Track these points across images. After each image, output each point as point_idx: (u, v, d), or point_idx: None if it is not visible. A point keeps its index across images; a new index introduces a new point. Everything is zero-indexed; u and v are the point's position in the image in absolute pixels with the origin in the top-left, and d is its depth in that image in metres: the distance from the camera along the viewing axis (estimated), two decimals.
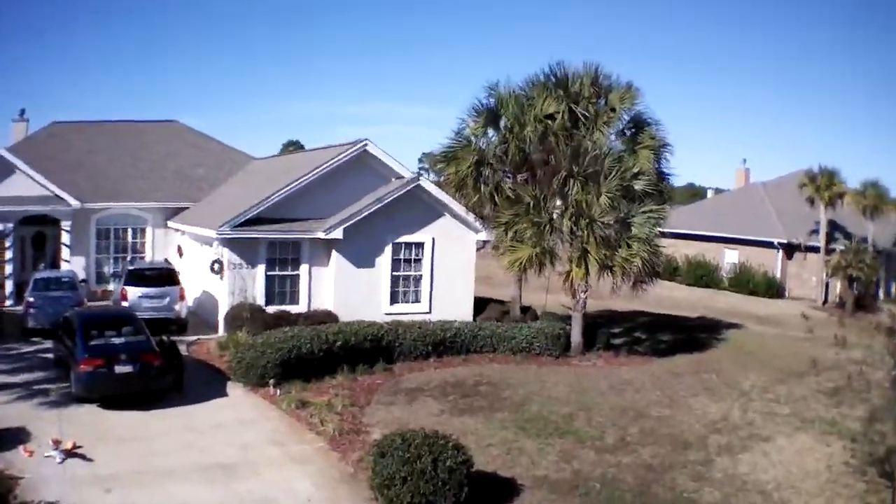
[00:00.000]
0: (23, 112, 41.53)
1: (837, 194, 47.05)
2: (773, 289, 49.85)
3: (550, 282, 28.45)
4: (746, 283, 50.04)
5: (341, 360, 23.11)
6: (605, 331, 29.74)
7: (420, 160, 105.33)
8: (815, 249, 48.84)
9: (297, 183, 27.45)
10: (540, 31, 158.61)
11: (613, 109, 28.20)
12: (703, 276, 52.56)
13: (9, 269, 32.61)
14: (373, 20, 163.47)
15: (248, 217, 26.82)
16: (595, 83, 28.09)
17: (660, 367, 26.89)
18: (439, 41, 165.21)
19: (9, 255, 32.60)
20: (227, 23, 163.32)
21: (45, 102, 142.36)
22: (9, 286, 32.43)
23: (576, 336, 27.68)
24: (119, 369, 19.23)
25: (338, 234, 27.11)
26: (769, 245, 50.70)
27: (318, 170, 27.67)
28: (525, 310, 30.21)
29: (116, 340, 20.17)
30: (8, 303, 31.63)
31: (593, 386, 23.61)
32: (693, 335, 33.24)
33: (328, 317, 26.40)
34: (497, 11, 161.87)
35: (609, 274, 26.76)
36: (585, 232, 26.01)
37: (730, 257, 52.71)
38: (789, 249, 50.51)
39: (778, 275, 50.64)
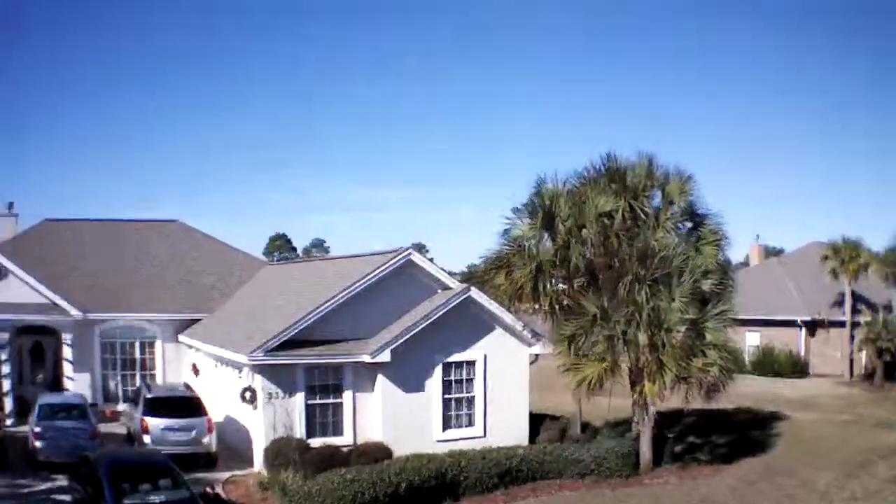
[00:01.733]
0: (11, 206, 37.81)
1: (863, 265, 45.37)
2: (798, 368, 47.91)
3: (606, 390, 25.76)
4: (771, 365, 47.79)
5: (406, 501, 20.77)
6: (671, 443, 27.08)
7: (420, 248, 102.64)
8: (839, 324, 47.12)
9: (336, 299, 24.47)
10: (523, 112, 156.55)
11: (671, 202, 25.74)
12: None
13: (7, 384, 29.25)
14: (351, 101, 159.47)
15: (283, 340, 23.73)
16: (650, 176, 25.69)
17: (732, 476, 25.22)
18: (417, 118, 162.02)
19: (5, 368, 29.27)
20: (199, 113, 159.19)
21: (25, 194, 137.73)
22: (8, 404, 29.12)
23: (645, 452, 25.54)
24: None
25: (385, 356, 24.14)
26: (791, 324, 48.78)
27: (358, 283, 24.71)
28: (584, 426, 27.41)
29: (155, 499, 17.19)
30: (9, 422, 28.28)
31: None
32: (745, 433, 31.50)
33: (381, 451, 23.38)
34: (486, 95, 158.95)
35: (684, 385, 24.22)
36: (660, 343, 23.38)
37: (751, 340, 50.37)
38: (812, 326, 48.67)
39: (802, 353, 48.79)
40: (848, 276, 45.36)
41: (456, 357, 25.65)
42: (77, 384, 30.42)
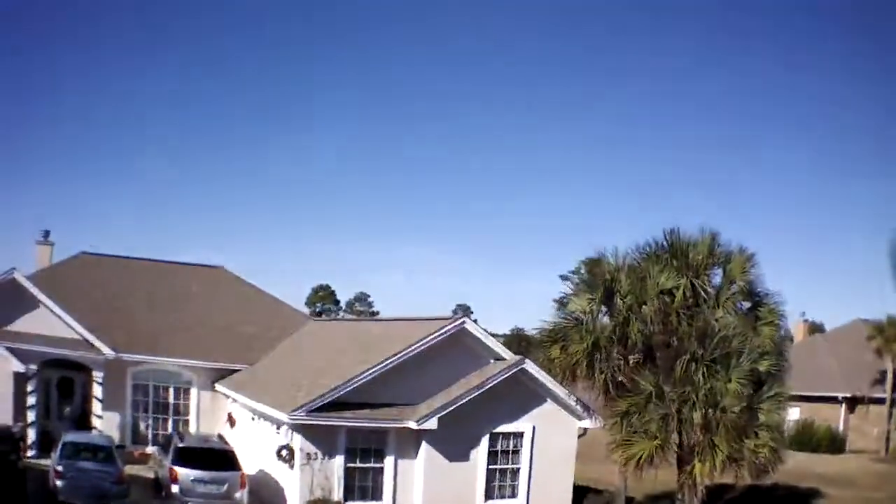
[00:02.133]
0: (47, 234, 37.21)
1: None
2: (836, 444, 46.61)
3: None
4: (810, 440, 46.47)
5: None
6: None
7: (454, 311, 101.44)
8: (878, 401, 45.85)
9: (385, 363, 23.65)
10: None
11: (732, 281, 24.88)
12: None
13: (31, 416, 28.45)
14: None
15: (326, 401, 22.88)
16: (712, 253, 24.82)
17: None
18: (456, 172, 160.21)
19: (32, 399, 28.47)
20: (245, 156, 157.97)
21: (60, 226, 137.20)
22: (32, 435, 28.30)
23: None
24: None
25: (431, 424, 23.29)
26: (832, 400, 47.52)
27: (410, 349, 23.89)
28: (629, 501, 26.36)
29: None
30: (31, 453, 27.59)
31: None
32: None
33: None
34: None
35: (734, 466, 23.19)
36: (714, 424, 22.43)
37: (792, 414, 49.01)
38: (851, 402, 47.53)
39: (840, 429, 47.48)
40: (892, 354, 44.22)
41: (504, 428, 24.86)
42: (106, 423, 29.76)
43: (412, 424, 23.25)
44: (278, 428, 24.48)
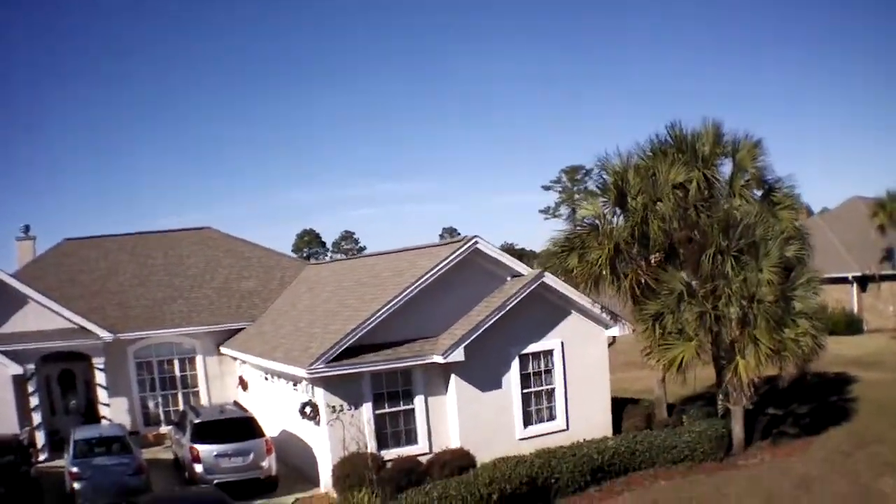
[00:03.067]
0: (27, 229, 35.27)
1: None
2: (853, 325, 45.99)
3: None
4: (825, 323, 45.50)
5: None
6: (763, 419, 25.09)
7: (441, 236, 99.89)
8: (890, 277, 45.37)
9: (401, 297, 21.95)
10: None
11: (743, 169, 23.70)
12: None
13: (37, 417, 26.68)
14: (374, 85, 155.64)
15: (343, 347, 21.29)
16: (718, 143, 23.68)
17: (823, 448, 23.84)
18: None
19: (35, 400, 26.66)
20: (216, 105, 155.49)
21: (41, 216, 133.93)
22: (41, 437, 26.60)
23: (737, 433, 23.58)
24: None
25: (458, 355, 21.70)
26: (843, 280, 46.63)
27: (424, 278, 22.19)
28: (669, 408, 25.24)
29: None
30: (42, 457, 25.97)
31: (778, 489, 20.47)
32: (823, 399, 29.74)
33: (463, 458, 21.11)
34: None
35: (777, 359, 22.10)
36: (752, 316, 21.30)
37: None
38: (862, 282, 46.77)
39: (855, 310, 46.88)
40: None
41: (532, 347, 23.33)
42: (113, 410, 28.06)
43: (438, 358, 21.72)
44: (296, 384, 23.03)
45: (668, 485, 21.02)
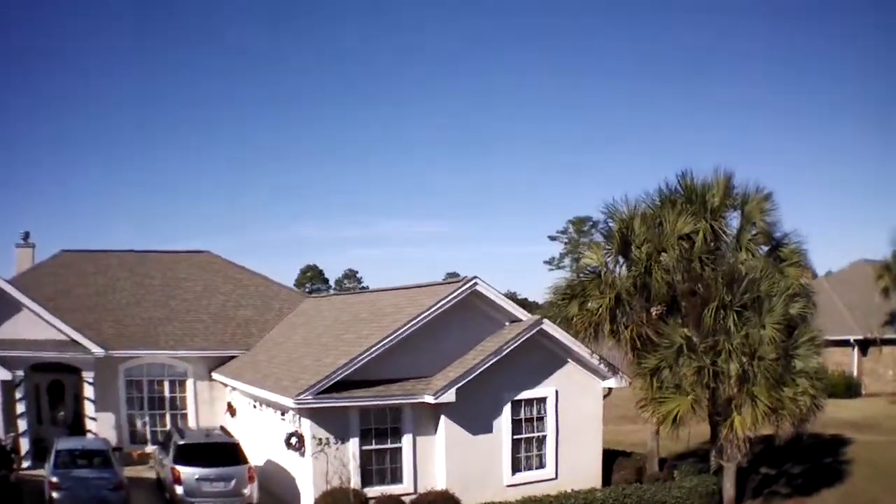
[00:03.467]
0: (27, 235, 35.02)
1: None
2: (851, 388, 45.04)
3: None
4: (825, 384, 44.89)
5: None
6: (755, 478, 24.51)
7: (445, 279, 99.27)
8: (891, 342, 44.45)
9: (396, 335, 21.57)
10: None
11: (752, 222, 23.26)
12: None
13: (23, 424, 26.28)
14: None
15: (334, 381, 20.88)
16: (729, 195, 23.23)
17: None
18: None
19: (21, 407, 26.27)
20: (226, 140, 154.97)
21: (42, 225, 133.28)
22: (25, 445, 26.16)
23: (729, 491, 22.69)
24: None
25: (449, 396, 21.26)
26: (844, 343, 45.80)
27: (421, 317, 21.81)
28: (661, 463, 24.66)
29: None
30: (25, 464, 25.43)
31: None
32: (817, 461, 28.68)
33: (446, 500, 20.63)
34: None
35: (774, 417, 21.54)
36: (752, 374, 20.79)
37: None
38: (864, 345, 45.91)
39: (854, 373, 45.98)
40: None
41: (526, 394, 22.85)
42: (100, 425, 27.66)
43: (429, 398, 21.28)
44: (283, 414, 22.60)
45: None
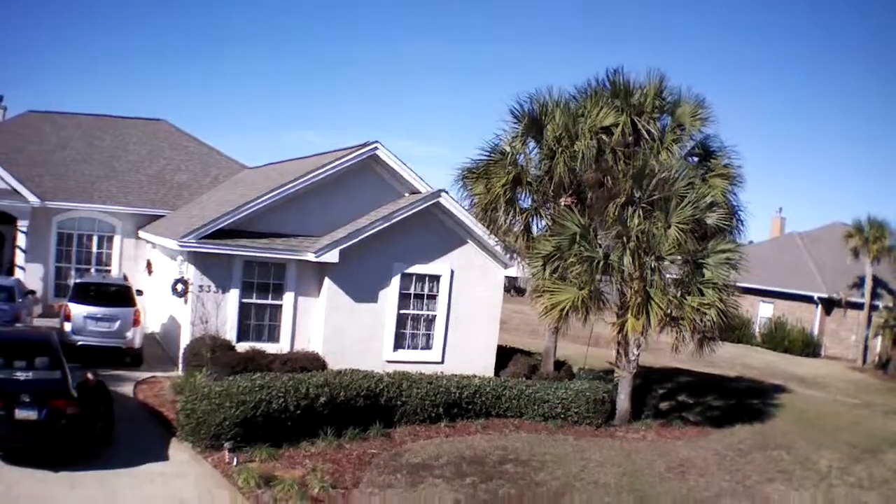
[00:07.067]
0: (0, 98, 34.85)
1: (887, 248, 40.71)
2: (810, 347, 43.48)
3: (593, 331, 21.94)
4: (782, 340, 43.50)
5: (325, 420, 16.73)
6: (655, 395, 23.16)
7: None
8: (857, 306, 42.55)
9: (283, 189, 20.63)
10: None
11: (682, 127, 21.76)
12: (735, 330, 45.10)
13: None
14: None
15: (219, 227, 20.04)
16: (659, 96, 21.80)
17: (720, 441, 21.17)
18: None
19: None
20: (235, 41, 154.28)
21: (30, 91, 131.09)
22: None
23: (622, 402, 21.41)
24: (20, 414, 13.08)
25: (332, 256, 20.15)
26: (808, 300, 44.20)
27: (312, 175, 20.81)
28: (559, 365, 23.34)
29: (21, 375, 13.83)
30: None
31: (647, 467, 17.88)
32: (744, 401, 27.48)
33: (313, 361, 19.60)
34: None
35: (674, 327, 20.23)
36: (650, 272, 19.40)
37: (764, 311, 46.05)
38: (828, 305, 44.16)
39: (815, 332, 44.21)
40: (870, 256, 40.71)
41: (418, 268, 21.65)
42: (28, 274, 27.32)
43: (311, 256, 20.21)
44: (181, 263, 21.76)
45: (527, 437, 19.03)
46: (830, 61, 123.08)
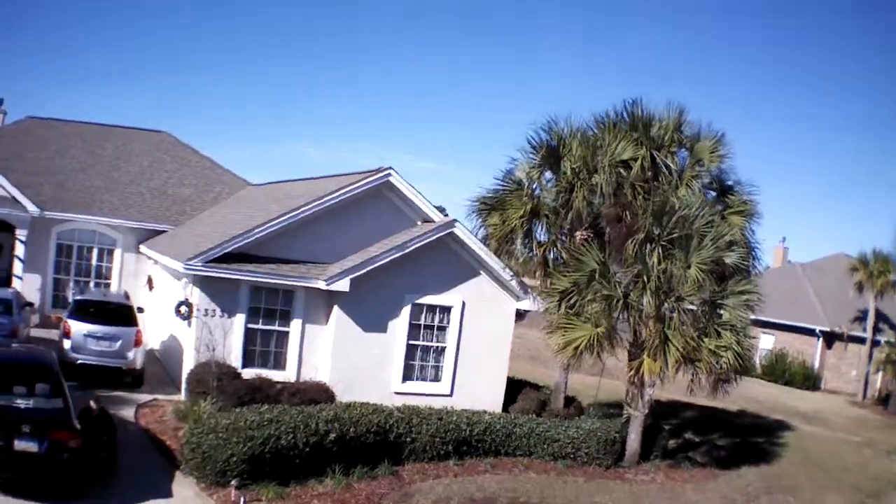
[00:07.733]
0: (0, 102, 34.02)
1: (892, 282, 40.34)
2: (810, 380, 43.09)
3: (605, 367, 21.52)
4: (782, 372, 43.06)
5: (333, 456, 16.09)
6: (664, 434, 22.67)
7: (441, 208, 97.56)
8: (858, 340, 42.18)
9: (294, 214, 20.02)
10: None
11: (700, 163, 21.31)
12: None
13: None
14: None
15: (227, 251, 19.40)
16: (678, 129, 21.37)
17: (727, 484, 20.74)
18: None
19: None
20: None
21: (32, 98, 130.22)
22: None
23: (633, 442, 20.96)
24: (19, 446, 12.45)
25: (343, 285, 19.57)
26: (809, 332, 43.83)
27: (323, 200, 20.19)
28: (569, 401, 22.77)
29: (21, 402, 13.20)
30: None
31: None
32: (748, 439, 27.21)
33: (322, 393, 18.97)
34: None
35: (690, 368, 19.74)
36: (668, 313, 18.90)
37: (765, 342, 45.48)
38: (830, 338, 43.77)
39: (816, 365, 43.81)
40: (874, 290, 40.34)
41: (429, 299, 21.02)
42: (26, 284, 26.77)
43: (321, 284, 19.64)
44: (185, 285, 21.16)
45: (536, 478, 18.46)
46: (838, 85, 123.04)
